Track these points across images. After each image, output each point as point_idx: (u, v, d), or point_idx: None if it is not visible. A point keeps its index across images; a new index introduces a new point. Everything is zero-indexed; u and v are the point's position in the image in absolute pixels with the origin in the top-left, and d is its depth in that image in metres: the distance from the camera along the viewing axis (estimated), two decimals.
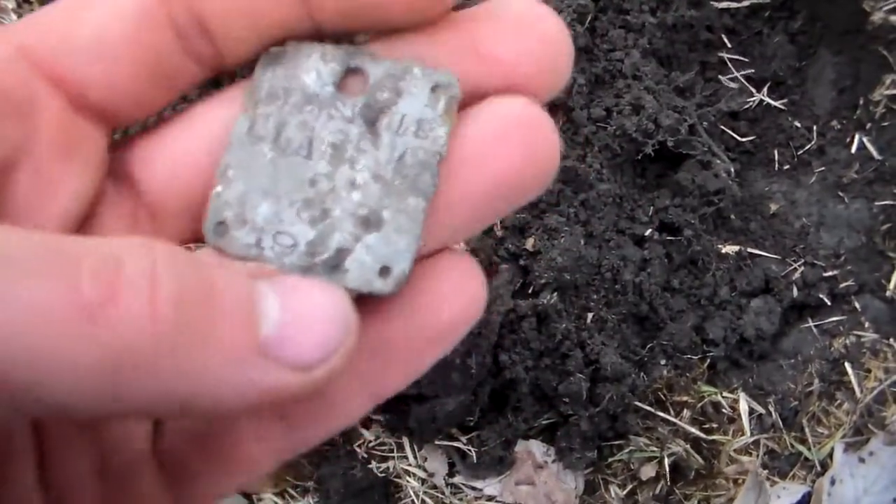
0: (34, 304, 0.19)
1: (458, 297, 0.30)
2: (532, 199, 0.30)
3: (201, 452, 0.30)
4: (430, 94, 0.29)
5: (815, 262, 1.04)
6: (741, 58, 1.14)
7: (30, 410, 0.21)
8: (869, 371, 0.99)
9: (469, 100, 0.29)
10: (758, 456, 0.98)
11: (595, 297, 0.97)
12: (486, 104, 0.29)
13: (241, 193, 0.29)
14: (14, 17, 1.05)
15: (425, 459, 1.01)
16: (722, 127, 1.11)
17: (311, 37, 0.30)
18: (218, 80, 0.32)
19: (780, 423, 0.99)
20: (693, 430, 0.99)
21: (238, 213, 0.29)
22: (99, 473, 0.29)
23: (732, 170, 1.07)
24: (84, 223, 0.29)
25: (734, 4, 1.13)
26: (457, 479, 1.00)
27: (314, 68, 0.29)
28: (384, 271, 0.28)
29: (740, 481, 0.97)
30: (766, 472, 0.97)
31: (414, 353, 0.30)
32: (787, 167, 1.11)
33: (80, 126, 0.28)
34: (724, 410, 1.00)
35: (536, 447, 0.99)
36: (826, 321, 1.03)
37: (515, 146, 0.28)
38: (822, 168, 1.09)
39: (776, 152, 1.11)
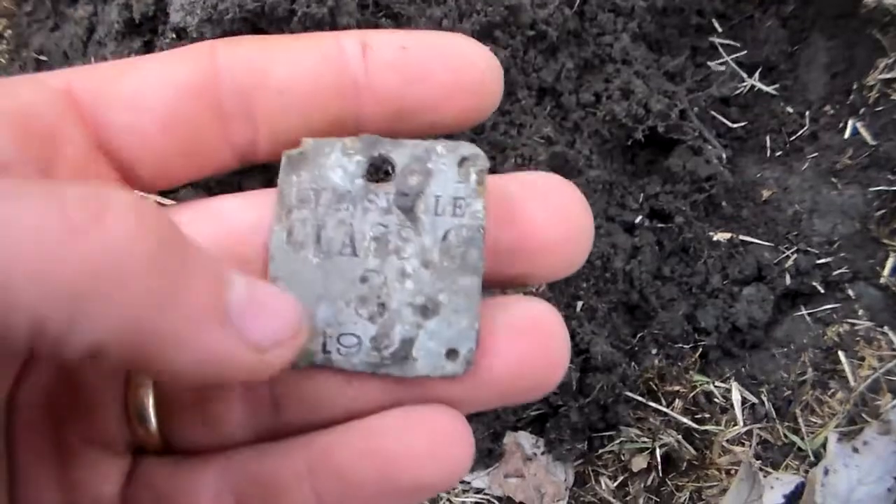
0: (24, 224, 0.20)
1: (435, 458, 0.28)
2: (541, 396, 0.31)
3: None
4: (459, 168, 0.29)
5: (809, 249, 1.02)
6: (732, 42, 1.12)
7: None
8: (863, 359, 0.98)
9: (496, 266, 0.30)
10: (751, 446, 0.96)
11: (585, 285, 0.96)
12: (513, 302, 0.30)
13: None
14: None
15: None
16: (713, 112, 1.09)
17: (351, 134, 0.30)
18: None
19: (774, 412, 0.98)
20: (685, 420, 0.98)
21: None
22: None
23: (724, 156, 1.05)
24: None
25: None
26: None
27: (339, 165, 0.30)
28: (451, 354, 0.29)
29: (733, 472, 0.95)
30: (759, 462, 0.95)
31: (378, 498, 0.29)
32: (779, 153, 1.09)
33: (99, 166, 0.29)
34: (716, 400, 0.99)
35: (525, 439, 0.97)
36: (819, 309, 1.01)
37: (531, 346, 0.29)
38: (815, 154, 1.08)
39: (768, 138, 1.09)
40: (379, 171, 0.30)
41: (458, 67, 0.30)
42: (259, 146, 0.30)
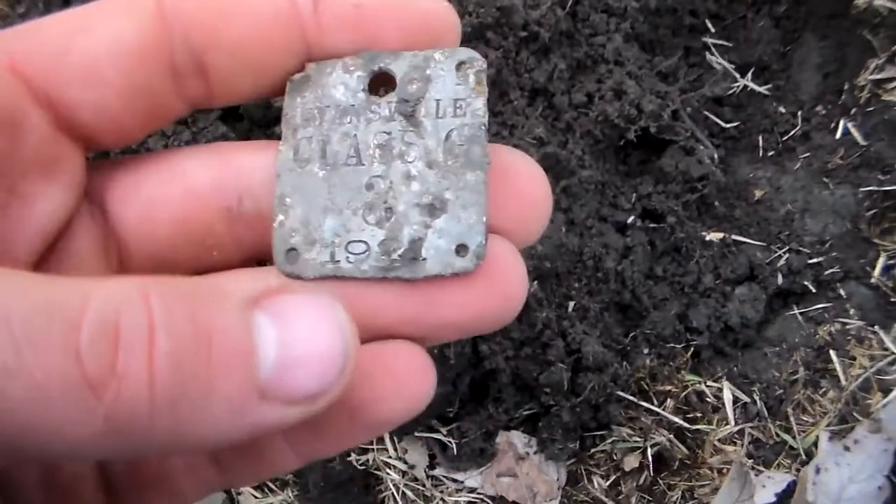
0: (39, 379, 0.19)
1: (402, 396, 0.29)
2: (493, 329, 0.31)
3: (136, 477, 0.30)
4: (457, 72, 0.30)
5: (801, 248, 1.03)
6: (725, 42, 1.13)
7: (35, 461, 0.22)
8: (854, 358, 0.98)
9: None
10: (742, 445, 0.97)
11: (577, 285, 0.96)
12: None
13: (303, 217, 0.30)
14: None
15: (405, 451, 0.99)
16: (706, 112, 1.09)
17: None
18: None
19: (765, 411, 0.98)
20: (677, 419, 0.98)
21: (305, 235, 0.29)
22: (44, 486, 0.29)
23: (716, 156, 1.05)
24: (57, 241, 0.29)
25: None
26: (437, 472, 0.99)
27: (340, 82, 0.30)
28: (461, 249, 0.28)
29: (725, 471, 0.96)
30: (750, 461, 0.96)
31: (347, 434, 0.30)
32: (771, 153, 1.10)
33: (63, 146, 0.28)
34: (708, 399, 0.99)
35: (518, 438, 0.98)
36: (811, 308, 1.02)
37: (490, 280, 0.29)
38: (807, 154, 1.08)
39: (761, 138, 1.10)
40: (381, 84, 0.30)
41: (412, 26, 0.30)
42: (212, 99, 0.31)
